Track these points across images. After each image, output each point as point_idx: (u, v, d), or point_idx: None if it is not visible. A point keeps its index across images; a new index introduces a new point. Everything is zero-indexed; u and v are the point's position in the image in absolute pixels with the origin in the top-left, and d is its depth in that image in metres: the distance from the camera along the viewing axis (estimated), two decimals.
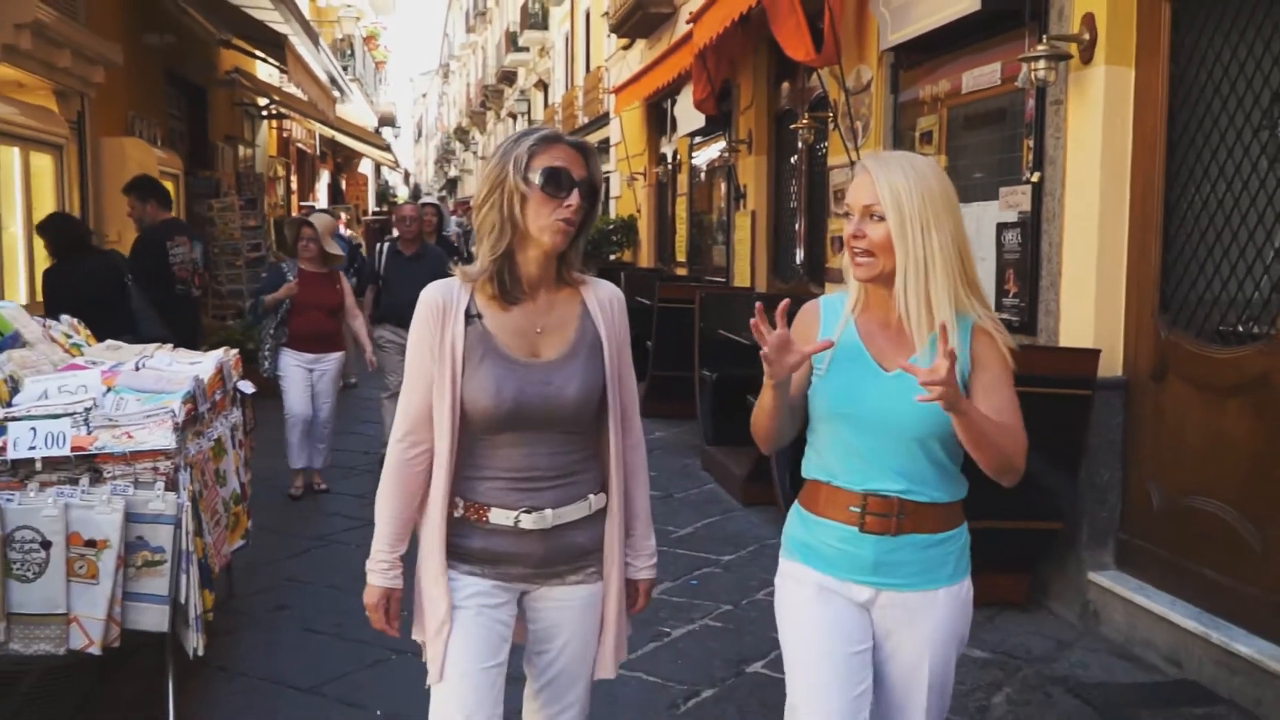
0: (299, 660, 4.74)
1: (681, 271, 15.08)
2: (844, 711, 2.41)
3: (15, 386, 4.20)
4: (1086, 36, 5.23)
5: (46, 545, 3.57)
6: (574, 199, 2.41)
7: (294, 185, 23.18)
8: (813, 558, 2.51)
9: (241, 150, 17.21)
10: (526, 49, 35.92)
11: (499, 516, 2.46)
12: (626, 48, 18.53)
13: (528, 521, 2.45)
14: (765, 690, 4.48)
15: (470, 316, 2.46)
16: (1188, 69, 4.94)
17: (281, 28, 13.33)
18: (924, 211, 2.34)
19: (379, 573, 2.51)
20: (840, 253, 7.55)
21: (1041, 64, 5.33)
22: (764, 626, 5.15)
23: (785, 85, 10.74)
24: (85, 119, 9.76)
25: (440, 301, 2.47)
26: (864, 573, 2.45)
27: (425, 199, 10.78)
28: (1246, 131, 4.60)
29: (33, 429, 3.63)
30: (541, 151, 2.41)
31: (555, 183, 2.39)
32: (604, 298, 2.59)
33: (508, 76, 40.59)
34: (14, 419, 3.70)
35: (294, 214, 19.97)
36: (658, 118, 16.74)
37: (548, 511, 2.46)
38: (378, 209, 34.31)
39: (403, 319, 6.75)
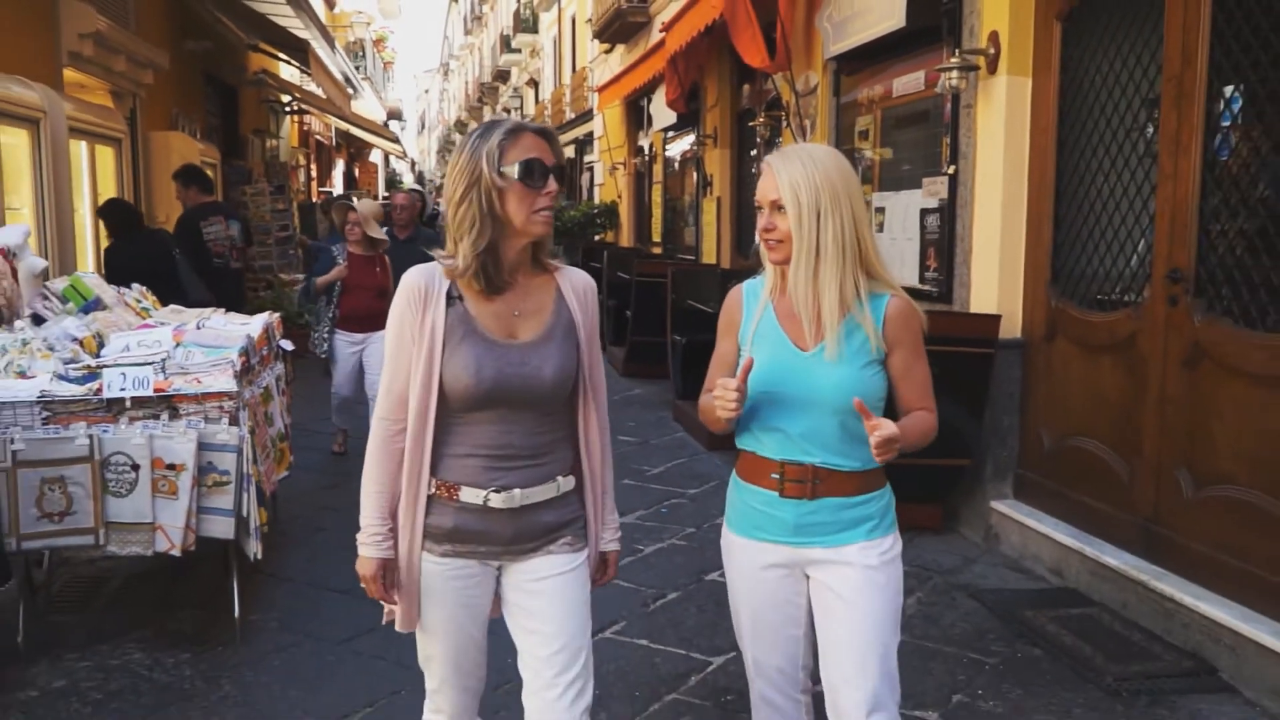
0: (336, 570, 5.11)
1: (657, 250, 15.34)
2: (778, 656, 2.52)
3: (102, 341, 4.55)
4: (992, 51, 5.55)
5: (135, 468, 3.93)
6: (551, 186, 2.28)
7: (313, 173, 23.33)
8: (743, 524, 2.50)
9: (268, 142, 17.40)
10: (519, 50, 35.88)
11: (469, 495, 2.31)
12: (608, 51, 18.70)
13: (496, 500, 2.31)
14: (720, 593, 4.80)
15: (452, 298, 2.31)
16: (1075, 79, 5.27)
17: (302, 33, 13.50)
18: (819, 200, 2.29)
19: (373, 545, 2.34)
20: None
21: (955, 74, 5.66)
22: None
23: (746, 87, 10.98)
24: (137, 116, 10.00)
25: (422, 285, 2.31)
26: (786, 533, 2.43)
27: (412, 187, 10.60)
28: (1121, 132, 4.93)
29: (123, 374, 3.97)
30: (512, 144, 2.26)
31: (532, 173, 2.24)
32: (577, 285, 2.46)
33: (502, 75, 40.54)
34: (107, 366, 4.05)
35: (314, 199, 20.21)
36: (636, 114, 16.95)
37: (516, 491, 2.32)
38: (386, 195, 34.39)
39: None
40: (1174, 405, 4.50)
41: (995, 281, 5.62)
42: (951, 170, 6.07)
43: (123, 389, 3.95)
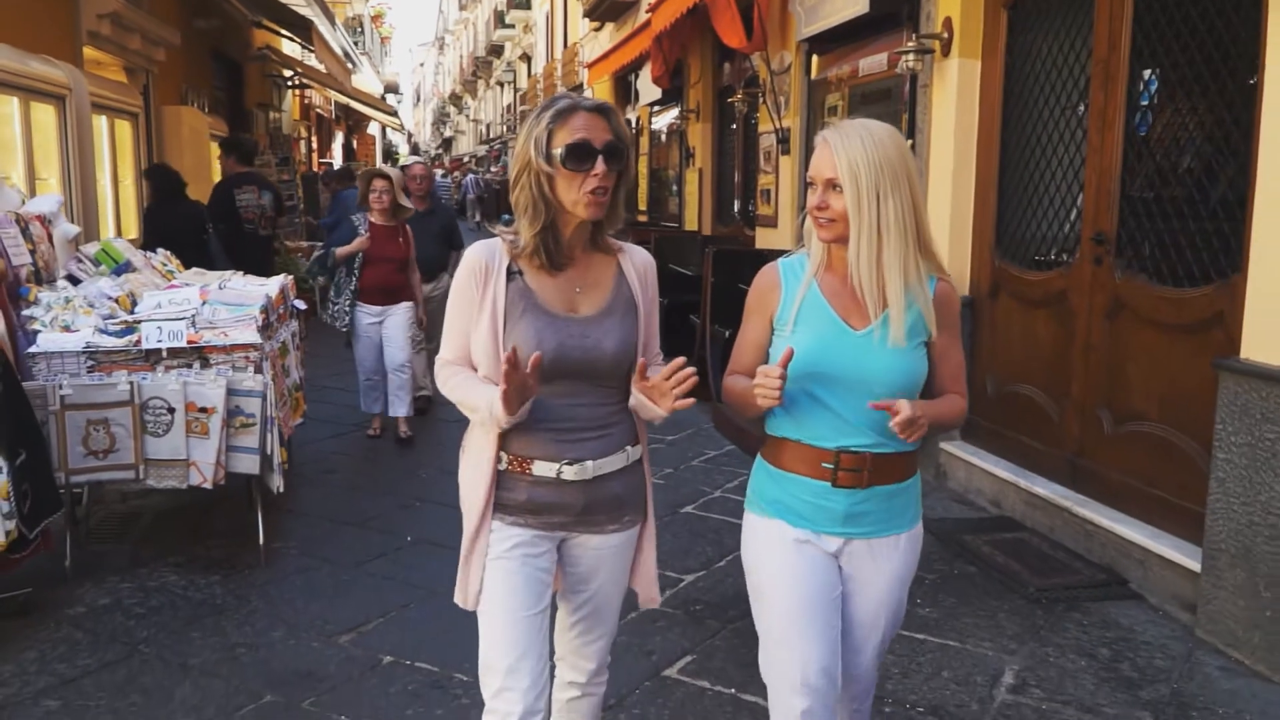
0: (346, 506, 5.51)
1: (644, 219, 15.68)
2: (824, 654, 2.29)
3: (134, 299, 4.91)
4: (946, 35, 5.90)
5: (171, 410, 4.29)
6: (599, 167, 2.18)
7: (314, 145, 23.53)
8: (784, 512, 2.34)
9: (271, 115, 17.62)
10: (513, 26, 35.97)
11: (542, 468, 2.27)
12: (598, 29, 18.90)
13: (569, 473, 2.27)
14: (693, 524, 5.28)
15: (512, 274, 2.27)
16: (1019, 61, 5.62)
17: (304, 10, 13.75)
18: (880, 182, 2.17)
19: (496, 416, 2.18)
20: (768, 202, 8.30)
21: (911, 56, 6.01)
22: (695, 484, 5.95)
23: (727, 65, 11.25)
24: (150, 91, 10.29)
25: (484, 261, 2.27)
26: (835, 524, 2.30)
27: (415, 159, 9.67)
28: (1058, 109, 5.29)
29: (158, 328, 4.33)
30: (560, 126, 2.18)
31: (577, 157, 2.16)
32: (638, 262, 2.40)
33: (496, 49, 40.61)
34: (144, 321, 4.41)
35: (316, 169, 20.44)
36: (624, 89, 17.17)
37: (588, 463, 2.28)
38: (383, 165, 34.49)
39: (420, 271, 7.02)
40: (1097, 352, 4.89)
41: (947, 244, 5.98)
42: (909, 144, 6.39)
43: (159, 341, 4.31)
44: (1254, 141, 3.83)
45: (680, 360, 2.16)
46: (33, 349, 4.24)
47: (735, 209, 10.97)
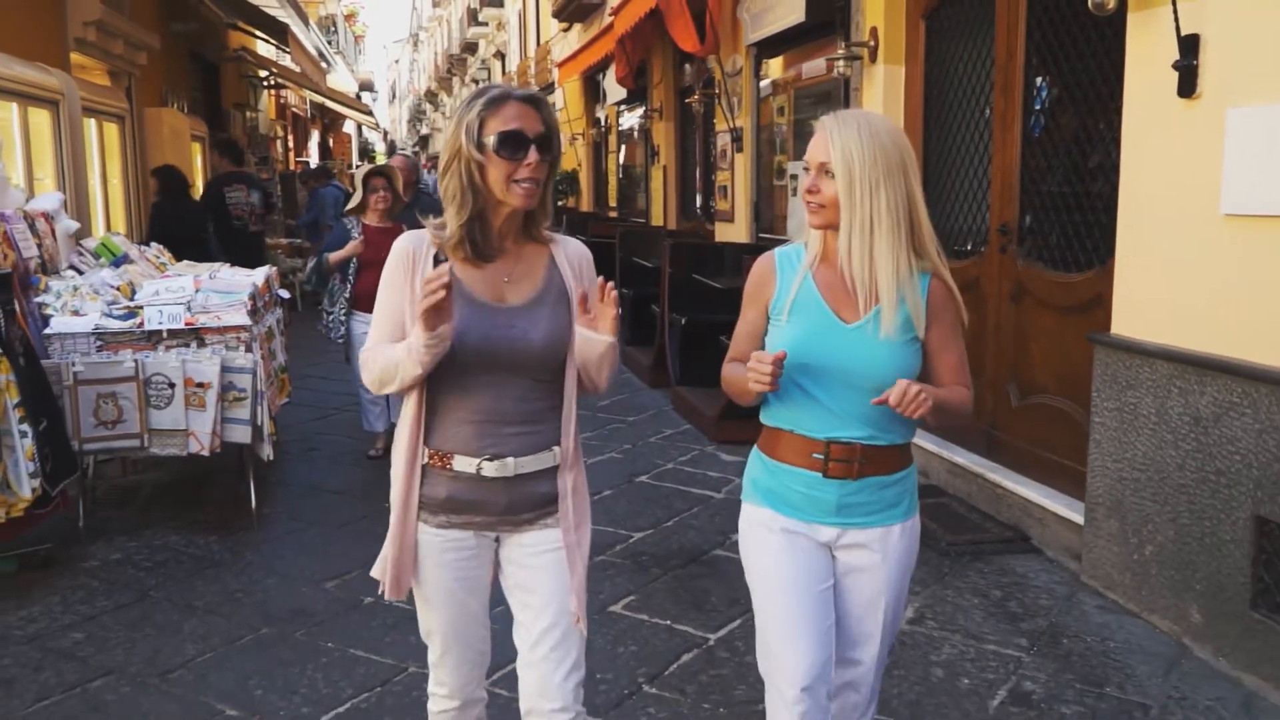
0: (329, 478, 6.06)
1: (613, 214, 16.23)
2: (816, 646, 2.31)
3: (134, 288, 5.43)
4: (872, 44, 6.48)
5: (171, 385, 4.83)
6: (532, 157, 2.15)
7: (290, 144, 23.96)
8: (777, 502, 2.35)
9: (248, 115, 18.07)
10: (486, 23, 36.26)
11: (462, 464, 2.22)
12: (566, 30, 19.41)
13: (489, 469, 2.22)
14: (646, 490, 5.86)
15: (438, 263, 2.22)
16: (937, 68, 6.21)
17: (277, 12, 14.22)
18: (873, 172, 2.16)
19: (415, 349, 2.11)
20: (725, 198, 8.93)
21: (842, 62, 6.60)
22: (650, 457, 6.53)
23: (687, 67, 11.77)
24: (132, 94, 10.75)
25: (410, 250, 2.24)
26: (828, 515, 2.31)
27: (400, 152, 9.82)
28: (970, 111, 5.87)
29: (159, 311, 4.87)
30: (492, 114, 2.15)
31: (510, 146, 2.13)
32: (572, 254, 2.35)
33: (470, 47, 40.92)
34: (146, 306, 4.94)
35: (293, 168, 20.87)
36: (593, 88, 17.71)
37: (509, 459, 2.22)
38: (359, 164, 34.92)
39: None
40: (1004, 333, 5.49)
41: None
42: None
43: (160, 323, 4.85)
44: (1118, 144, 4.42)
45: (602, 280, 2.21)
46: (48, 331, 4.77)
47: (697, 205, 11.55)
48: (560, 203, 19.18)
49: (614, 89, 13.74)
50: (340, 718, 3.36)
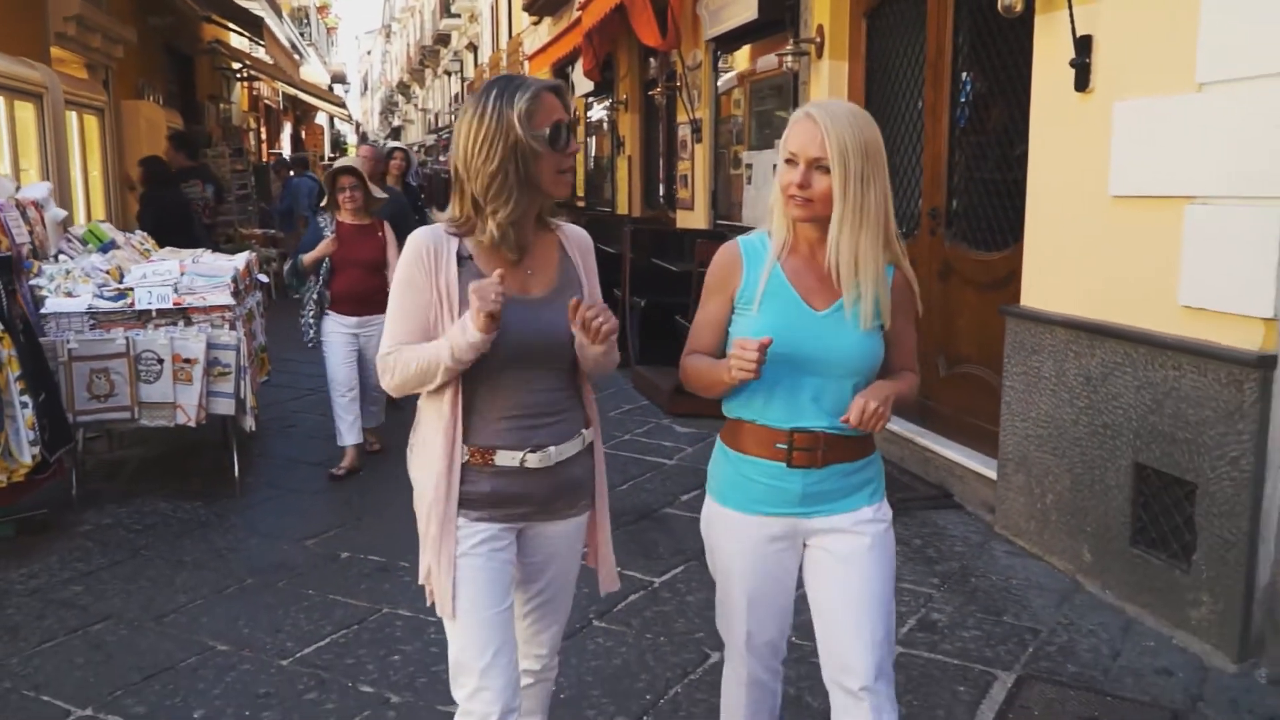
0: (307, 451, 6.44)
1: (581, 204, 16.61)
2: (771, 630, 2.41)
3: (122, 271, 5.79)
4: (819, 40, 6.91)
5: (160, 361, 5.20)
6: (574, 145, 2.21)
7: (263, 136, 24.18)
8: (741, 498, 2.34)
9: (221, 106, 18.34)
10: (458, 15, 36.50)
11: (505, 458, 2.23)
12: (536, 23, 19.74)
13: (533, 460, 2.24)
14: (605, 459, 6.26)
15: (462, 259, 2.22)
16: (877, 62, 6.64)
17: (250, 5, 14.51)
18: (867, 166, 2.15)
19: (463, 333, 2.11)
20: (686, 186, 9.34)
21: (791, 57, 7.03)
22: (609, 429, 6.93)
23: (652, 61, 12.13)
24: (110, 87, 11.07)
25: (431, 247, 2.20)
26: (792, 505, 2.30)
27: (393, 144, 9.86)
28: (906, 104, 6.31)
29: (149, 292, 5.24)
30: (539, 107, 2.14)
31: (560, 137, 2.15)
32: (579, 241, 2.39)
33: (442, 39, 41.10)
34: (136, 287, 5.31)
35: (266, 159, 21.13)
36: (563, 80, 18.11)
37: (551, 449, 2.26)
38: (332, 155, 35.14)
39: None
40: (933, 309, 5.91)
41: None
42: None
43: (149, 303, 5.22)
44: (1028, 133, 4.87)
45: (574, 301, 2.15)
46: (44, 310, 5.13)
47: (660, 193, 11.97)
48: None
49: (582, 82, 14.10)
50: (321, 650, 3.77)
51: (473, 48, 35.55)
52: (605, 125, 15.00)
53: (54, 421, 4.83)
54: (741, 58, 8.91)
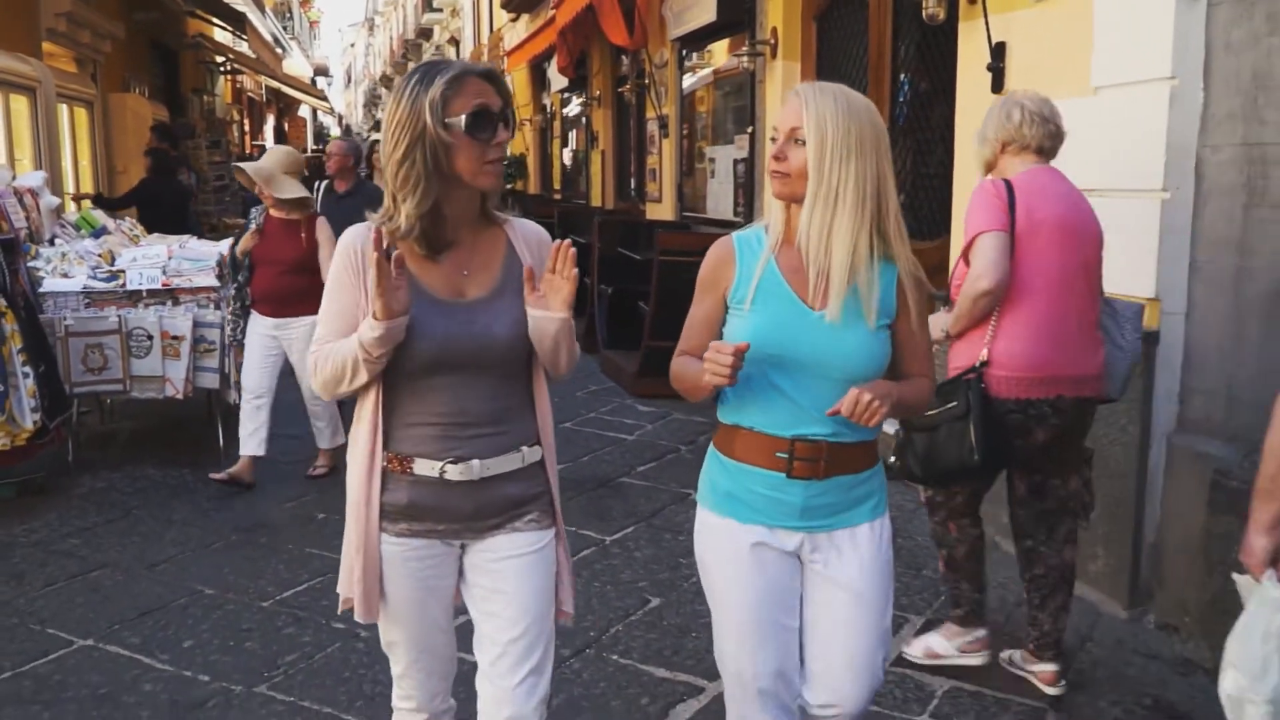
0: (286, 424, 6.69)
1: (558, 196, 17.00)
2: (776, 658, 2.20)
3: (114, 254, 6.14)
4: (772, 41, 7.30)
5: (150, 338, 5.56)
6: (501, 135, 2.02)
7: (246, 128, 24.45)
8: (737, 508, 2.19)
9: (205, 99, 18.63)
10: (440, 9, 36.69)
11: (423, 467, 2.07)
12: (514, 20, 20.06)
13: (453, 473, 2.07)
14: (569, 434, 6.65)
15: (389, 257, 1.99)
16: (827, 64, 7.03)
17: (233, 0, 14.81)
18: (846, 142, 2.02)
19: (368, 327, 1.97)
20: (654, 180, 9.75)
21: (746, 58, 7.43)
22: (576, 408, 7.32)
23: (624, 58, 12.48)
24: (98, 80, 11.37)
25: (358, 247, 2.07)
26: (792, 518, 2.16)
27: (377, 137, 9.13)
28: None
29: (140, 274, 5.60)
30: (457, 93, 1.97)
31: (480, 125, 1.98)
32: (530, 238, 2.20)
33: (425, 33, 41.20)
34: (128, 269, 5.67)
35: (248, 151, 21.40)
36: (539, 76, 18.42)
37: (475, 462, 2.07)
38: (316, 147, 35.34)
39: None
40: None
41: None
42: (750, 130, 7.84)
43: (140, 284, 5.59)
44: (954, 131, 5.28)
45: (556, 244, 2.07)
46: (42, 290, 5.48)
47: (631, 186, 12.35)
48: (509, 186, 19.87)
49: (557, 77, 14.48)
50: (299, 594, 4.15)
51: (455, 42, 35.74)
52: (580, 120, 15.36)
53: (52, 391, 5.19)
54: (704, 57, 9.30)
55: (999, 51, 4.73)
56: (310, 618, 3.92)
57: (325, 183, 7.10)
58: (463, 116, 1.98)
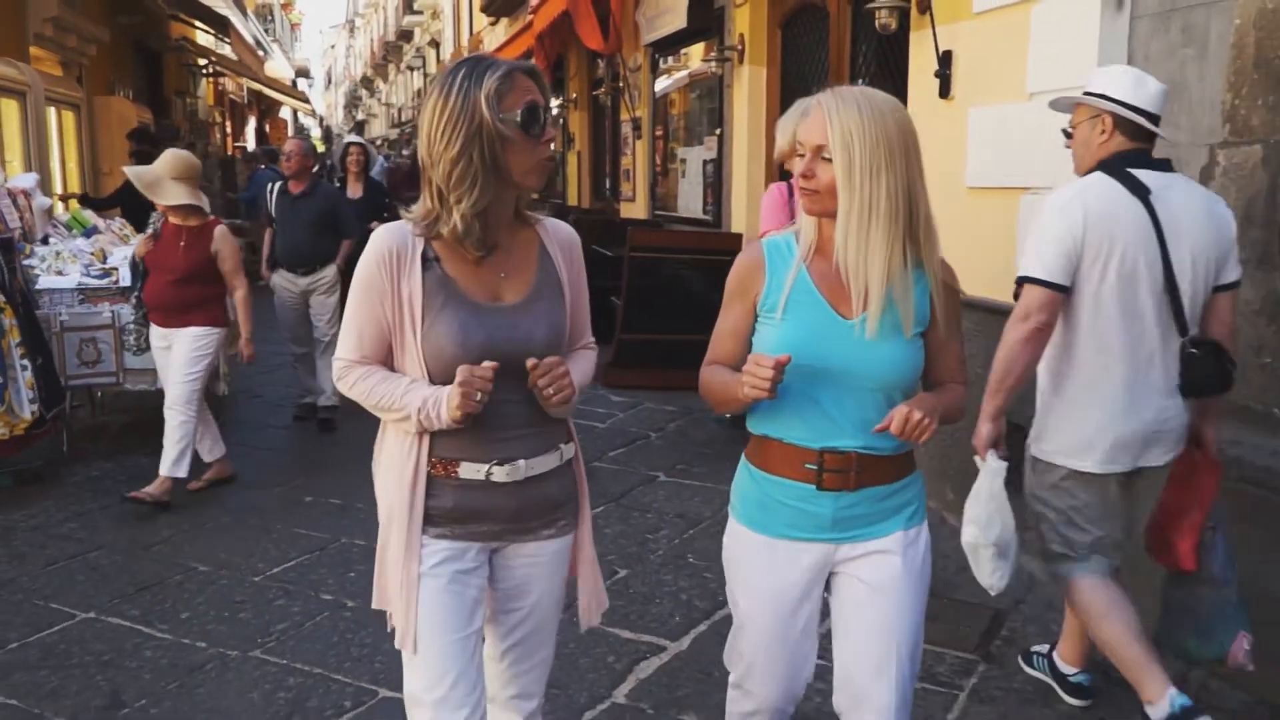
0: (273, 416, 7.05)
1: (535, 197, 17.14)
2: (789, 676, 2.24)
3: (105, 254, 6.36)
4: (740, 48, 7.57)
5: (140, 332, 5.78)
6: (551, 132, 2.01)
7: (228, 130, 24.55)
8: (768, 520, 2.17)
9: (188, 101, 18.75)
10: (421, 12, 36.82)
11: (469, 470, 2.05)
12: (494, 23, 20.31)
13: (499, 474, 2.06)
14: None
15: (428, 261, 2.02)
16: (791, 69, 7.32)
17: (216, 3, 14.95)
18: (875, 156, 1.97)
19: (438, 415, 1.99)
20: (628, 180, 10.04)
21: (715, 63, 7.70)
22: None
23: (599, 62, 12.80)
24: (83, 83, 11.54)
25: (394, 248, 2.01)
26: (822, 530, 2.13)
27: (351, 138, 8.79)
28: None
29: (131, 271, 5.82)
30: (510, 88, 1.93)
31: (534, 120, 1.94)
32: (562, 239, 2.18)
33: (405, 34, 41.35)
34: (120, 267, 5.88)
35: (230, 153, 21.52)
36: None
37: (520, 462, 2.07)
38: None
39: (292, 263, 6.45)
40: None
41: (744, 211, 7.68)
42: (719, 132, 8.11)
43: (131, 280, 5.79)
44: None
45: (530, 363, 1.99)
46: (37, 287, 5.69)
47: (607, 186, 12.61)
48: None
49: None
50: (288, 569, 4.39)
51: (435, 44, 35.87)
52: (557, 122, 15.59)
53: (49, 383, 5.40)
54: (676, 62, 9.56)
55: (946, 59, 5.01)
56: (300, 590, 4.17)
57: (279, 184, 6.74)
58: (517, 112, 1.94)
